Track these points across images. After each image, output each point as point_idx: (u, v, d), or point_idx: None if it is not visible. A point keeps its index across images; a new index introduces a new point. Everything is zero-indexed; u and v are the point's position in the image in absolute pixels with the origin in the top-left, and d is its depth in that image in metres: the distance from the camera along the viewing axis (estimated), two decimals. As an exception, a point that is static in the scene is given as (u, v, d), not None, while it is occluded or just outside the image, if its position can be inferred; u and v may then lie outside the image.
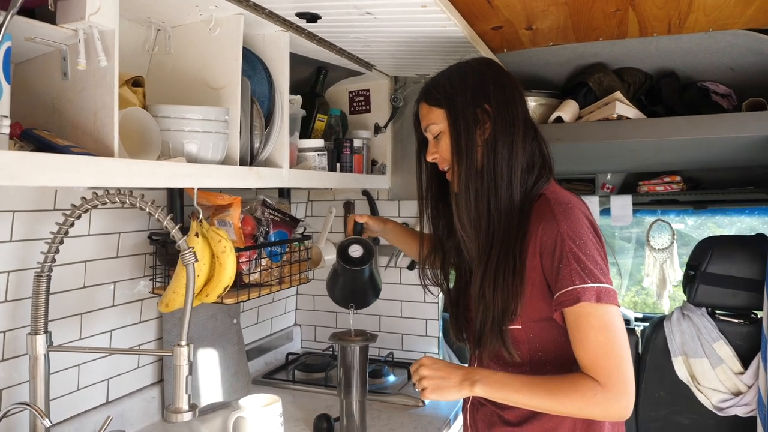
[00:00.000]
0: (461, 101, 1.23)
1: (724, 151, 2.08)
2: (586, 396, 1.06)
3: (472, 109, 1.22)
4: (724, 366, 1.98)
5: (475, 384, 1.14)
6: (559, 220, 1.13)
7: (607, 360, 1.06)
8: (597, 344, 1.07)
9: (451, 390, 1.17)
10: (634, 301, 3.83)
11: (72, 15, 0.94)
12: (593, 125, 1.91)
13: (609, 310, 1.08)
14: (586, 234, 1.12)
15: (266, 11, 1.36)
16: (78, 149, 0.95)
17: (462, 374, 1.17)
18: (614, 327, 1.08)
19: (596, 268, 1.09)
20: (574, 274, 1.08)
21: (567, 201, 1.17)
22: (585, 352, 1.09)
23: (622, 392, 1.05)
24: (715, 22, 1.70)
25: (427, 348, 2.18)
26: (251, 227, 1.53)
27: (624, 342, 1.08)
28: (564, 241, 1.10)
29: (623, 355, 1.07)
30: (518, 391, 1.11)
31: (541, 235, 1.14)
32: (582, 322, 1.08)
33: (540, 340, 1.20)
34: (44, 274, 1.17)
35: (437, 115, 1.26)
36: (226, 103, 1.31)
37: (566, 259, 1.10)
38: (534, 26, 1.76)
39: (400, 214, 2.23)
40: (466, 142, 1.21)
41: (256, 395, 1.44)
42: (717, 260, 2.03)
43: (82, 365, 1.42)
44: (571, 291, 1.08)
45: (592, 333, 1.07)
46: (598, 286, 1.07)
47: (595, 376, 1.07)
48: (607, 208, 2.59)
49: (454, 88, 1.25)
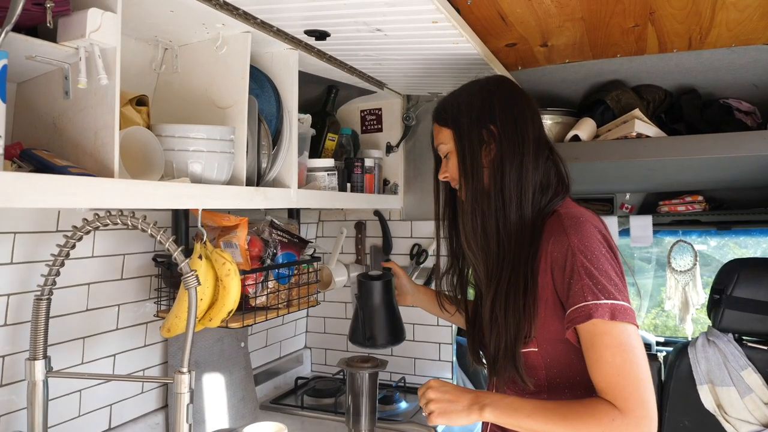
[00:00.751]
0: (466, 122, 1.22)
1: (749, 170, 2.01)
2: (603, 422, 0.98)
3: (477, 129, 1.21)
4: (753, 395, 1.89)
5: (485, 408, 1.09)
6: (569, 234, 1.08)
7: (624, 382, 0.99)
8: (613, 365, 1.00)
9: (459, 414, 1.11)
10: (655, 324, 3.72)
11: (72, 32, 0.92)
12: (611, 144, 1.86)
13: (625, 329, 1.01)
14: (598, 248, 1.06)
15: (274, 29, 1.33)
16: (77, 169, 0.92)
17: (471, 398, 1.12)
18: (631, 347, 1.00)
19: (610, 284, 1.03)
20: (586, 289, 1.03)
21: (578, 215, 1.12)
22: (601, 374, 1.02)
23: (642, 417, 0.97)
24: (738, 38, 1.65)
25: (440, 373, 2.12)
26: (258, 249, 1.49)
27: (643, 363, 1.01)
28: (575, 255, 1.05)
29: (642, 376, 0.99)
30: (530, 416, 1.05)
31: (552, 250, 1.10)
32: (596, 342, 1.02)
33: (557, 365, 1.15)
34: (44, 297, 1.14)
35: (446, 135, 1.26)
36: (232, 122, 1.28)
37: (577, 274, 1.04)
38: (549, 43, 1.72)
39: (412, 235, 2.18)
40: (471, 163, 1.20)
41: (261, 423, 1.39)
42: (743, 284, 1.94)
43: (84, 390, 1.38)
44: (582, 307, 1.02)
45: (607, 353, 1.01)
46: (612, 303, 1.01)
47: (612, 400, 0.99)
48: (626, 229, 2.51)
49: (461, 108, 1.24)
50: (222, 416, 1.71)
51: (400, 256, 2.19)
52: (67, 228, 1.27)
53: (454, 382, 2.13)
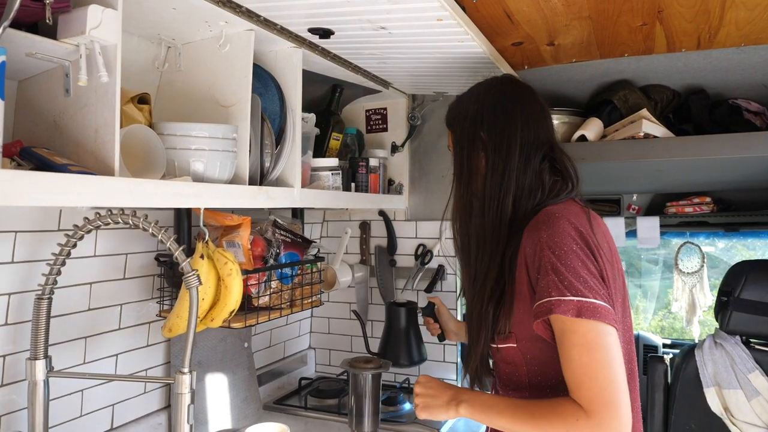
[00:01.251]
0: (459, 127, 1.26)
1: (757, 171, 1.98)
2: (567, 421, 0.96)
3: (469, 135, 1.24)
4: (761, 398, 1.87)
5: (461, 404, 1.12)
6: (540, 229, 1.07)
7: (590, 383, 0.96)
8: (580, 364, 0.98)
9: (439, 409, 1.16)
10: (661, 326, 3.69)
11: (73, 29, 0.91)
12: (619, 144, 1.84)
13: (593, 327, 0.98)
14: (568, 244, 1.03)
15: (278, 27, 1.32)
16: (76, 167, 0.91)
17: (451, 394, 1.16)
18: (598, 346, 0.97)
19: (578, 281, 1.00)
20: (551, 285, 1.01)
21: (555, 212, 1.10)
22: (569, 373, 1.00)
23: (609, 419, 0.94)
24: (748, 37, 1.63)
25: (445, 374, 2.10)
26: (261, 248, 1.48)
27: (612, 362, 0.97)
28: (543, 250, 1.04)
29: (610, 377, 0.96)
30: (501, 413, 1.06)
31: (525, 246, 1.10)
32: (564, 339, 1.00)
33: (538, 362, 1.13)
34: (45, 296, 1.14)
35: (450, 137, 1.30)
36: (235, 120, 1.28)
37: (544, 270, 1.03)
38: (556, 42, 1.70)
39: (417, 235, 2.17)
40: (459, 167, 1.25)
41: (264, 424, 1.38)
42: (752, 286, 1.92)
43: (85, 390, 1.38)
44: (545, 302, 1.01)
45: (574, 351, 0.98)
46: (579, 300, 0.98)
47: (578, 399, 0.97)
48: (633, 230, 2.49)
49: (459, 113, 1.28)
50: (225, 417, 1.70)
51: (405, 257, 2.18)
52: (68, 227, 1.26)
53: (459, 382, 2.11)
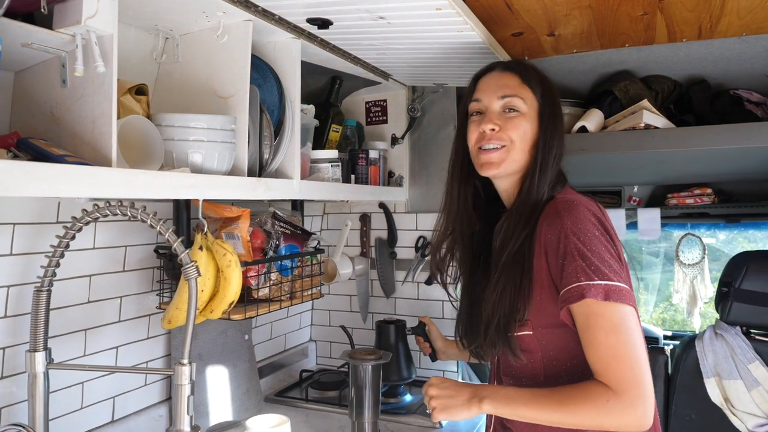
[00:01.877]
0: (556, 99, 1.26)
1: (758, 162, 1.98)
2: (598, 404, 0.99)
3: (560, 116, 1.25)
4: (761, 389, 1.87)
5: (483, 401, 1.10)
6: (562, 216, 1.09)
7: (618, 364, 0.99)
8: (607, 346, 1.00)
9: (459, 409, 1.13)
10: (663, 318, 3.69)
11: (68, 19, 0.90)
12: (619, 135, 1.83)
13: (619, 309, 1.01)
14: (591, 231, 1.07)
15: (276, 17, 1.32)
16: (73, 158, 0.91)
17: (470, 392, 1.13)
18: (625, 328, 1.00)
19: (603, 265, 1.03)
20: (579, 270, 1.03)
21: (573, 199, 1.14)
22: (595, 356, 1.02)
23: (637, 398, 0.97)
24: (749, 26, 1.61)
25: (445, 366, 2.10)
26: (261, 240, 1.48)
27: (639, 343, 1.01)
28: (568, 237, 1.06)
29: (637, 357, 0.99)
30: (527, 405, 1.06)
31: (545, 233, 1.10)
32: (591, 323, 1.02)
33: (554, 348, 1.15)
34: (44, 288, 1.14)
35: (527, 94, 1.23)
36: (234, 112, 1.27)
37: (570, 256, 1.05)
38: (556, 32, 1.69)
39: (417, 227, 2.16)
40: (550, 136, 1.21)
41: (264, 415, 1.38)
42: (752, 276, 1.91)
43: (86, 383, 1.38)
44: (575, 287, 1.03)
45: (601, 334, 1.01)
46: (606, 284, 1.01)
47: (606, 381, 0.99)
48: (634, 222, 2.48)
49: (550, 85, 1.27)
50: (226, 409, 1.70)
51: (405, 249, 2.18)
52: (67, 219, 1.26)
53: (459, 375, 2.11)
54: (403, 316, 2.04)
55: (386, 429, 1.70)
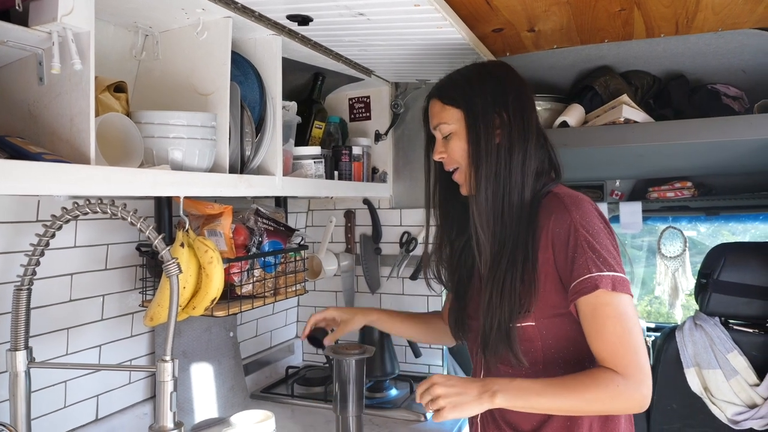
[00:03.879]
0: (481, 104, 1.22)
1: (736, 155, 2.01)
2: (609, 388, 1.04)
3: (491, 114, 1.21)
4: (739, 377, 1.91)
5: (496, 395, 1.07)
6: (570, 210, 1.13)
7: (624, 350, 1.05)
8: (615, 334, 1.06)
9: (471, 405, 1.07)
10: (648, 311, 3.73)
11: (44, 16, 0.90)
12: (600, 129, 1.85)
13: (623, 299, 1.07)
14: (597, 224, 1.12)
15: (256, 14, 1.32)
16: (51, 156, 0.91)
17: (479, 386, 1.09)
18: (629, 316, 1.07)
19: (610, 257, 1.09)
20: (590, 262, 1.08)
21: (577, 195, 1.18)
22: (603, 343, 1.07)
23: (642, 380, 1.04)
24: (725, 22, 1.64)
25: (431, 360, 2.12)
26: (244, 237, 1.48)
27: (639, 331, 1.07)
28: (577, 230, 1.10)
29: (639, 343, 1.06)
30: (540, 395, 1.07)
31: (553, 227, 1.13)
32: (599, 312, 1.07)
33: (553, 337, 1.18)
34: (24, 287, 1.13)
35: (451, 115, 1.24)
36: (214, 109, 1.27)
37: (581, 248, 1.09)
38: (536, 28, 1.71)
39: (402, 223, 2.17)
40: (484, 146, 1.20)
41: (249, 411, 1.38)
42: (730, 268, 1.95)
43: (69, 381, 1.37)
44: (588, 279, 1.07)
45: (609, 323, 1.07)
46: (613, 275, 1.07)
47: (614, 367, 1.05)
48: (616, 216, 2.52)
49: (473, 90, 1.23)
50: (211, 406, 1.70)
51: (390, 245, 2.18)
52: (47, 218, 1.25)
53: (445, 369, 2.13)
54: (388, 312, 2.05)
55: (371, 423, 1.71)
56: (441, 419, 1.09)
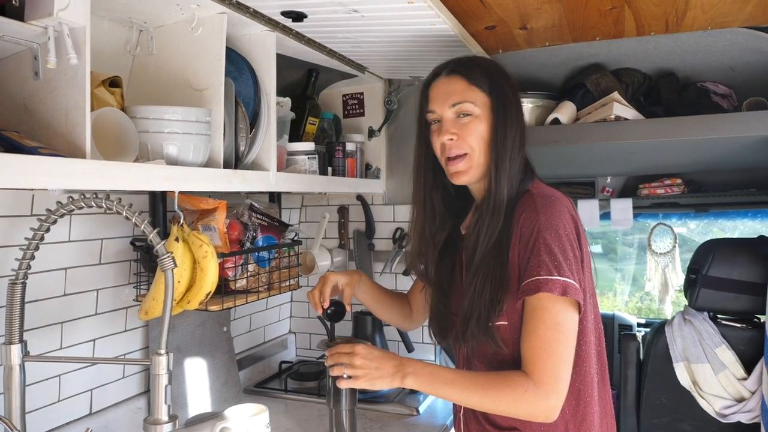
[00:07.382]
0: (509, 93, 1.22)
1: (725, 153, 2.03)
2: (516, 392, 1.06)
3: (514, 105, 1.22)
4: (727, 372, 1.93)
5: (407, 377, 1.14)
6: (539, 212, 1.12)
7: (547, 358, 1.06)
8: (542, 339, 1.07)
9: (383, 381, 1.16)
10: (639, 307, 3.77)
11: (40, 11, 0.90)
12: (591, 126, 1.87)
13: (564, 308, 1.07)
14: (563, 228, 1.11)
15: (250, 10, 1.32)
16: (47, 150, 0.91)
17: (394, 366, 1.16)
18: (562, 326, 1.07)
19: (565, 262, 1.08)
20: (542, 265, 1.07)
21: (551, 194, 1.17)
22: (529, 346, 1.08)
23: (553, 391, 1.05)
24: (714, 20, 1.66)
25: (423, 355, 2.14)
26: (238, 232, 1.49)
27: (570, 343, 1.08)
28: (540, 232, 1.10)
29: (565, 356, 1.07)
30: (449, 384, 1.11)
31: (521, 226, 1.13)
32: (535, 315, 1.08)
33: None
34: (19, 281, 1.13)
35: (478, 97, 1.20)
36: (209, 104, 1.28)
37: (537, 250, 1.09)
38: (529, 25, 1.72)
39: (395, 219, 2.19)
40: (507, 134, 1.20)
41: (242, 405, 1.39)
42: (718, 263, 1.97)
43: (63, 375, 1.38)
44: (535, 281, 1.08)
45: (541, 327, 1.07)
46: (563, 280, 1.06)
47: (531, 371, 1.07)
48: (607, 212, 2.54)
49: (499, 77, 1.23)
50: (205, 400, 1.71)
51: (383, 240, 2.20)
52: (41, 212, 1.26)
53: (438, 363, 2.14)
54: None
55: (364, 417, 1.72)
56: (347, 386, 1.21)
